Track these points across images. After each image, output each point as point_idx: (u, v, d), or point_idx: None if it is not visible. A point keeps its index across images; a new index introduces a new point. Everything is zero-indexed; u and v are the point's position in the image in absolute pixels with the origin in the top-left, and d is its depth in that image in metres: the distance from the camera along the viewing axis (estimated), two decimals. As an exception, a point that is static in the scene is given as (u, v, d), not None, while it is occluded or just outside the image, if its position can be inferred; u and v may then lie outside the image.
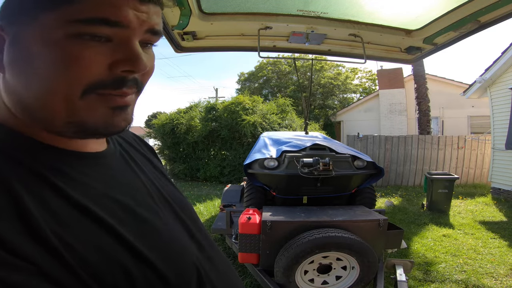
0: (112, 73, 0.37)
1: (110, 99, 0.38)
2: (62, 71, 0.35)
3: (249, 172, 2.99)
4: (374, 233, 2.29)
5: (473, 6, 1.16)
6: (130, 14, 0.36)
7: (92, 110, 0.37)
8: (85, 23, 0.34)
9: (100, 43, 0.36)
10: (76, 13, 0.34)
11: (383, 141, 8.27)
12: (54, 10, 0.34)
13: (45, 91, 0.36)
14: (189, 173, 9.88)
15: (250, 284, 2.75)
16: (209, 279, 0.44)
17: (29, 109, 0.37)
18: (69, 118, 0.37)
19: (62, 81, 0.35)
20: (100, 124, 0.38)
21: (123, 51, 0.37)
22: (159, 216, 0.45)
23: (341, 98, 19.44)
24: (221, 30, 1.54)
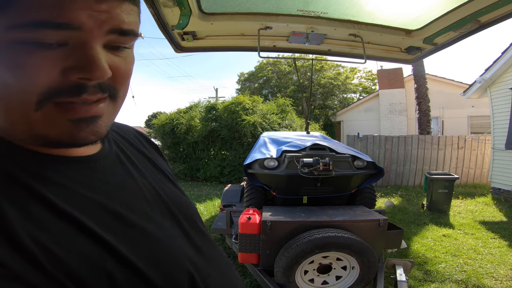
0: (67, 79, 0.33)
1: (71, 109, 0.35)
2: (10, 82, 0.32)
3: (249, 172, 2.99)
4: (374, 233, 2.29)
5: (473, 6, 1.16)
6: (82, 15, 0.32)
7: (51, 123, 0.35)
8: (27, 28, 0.31)
9: (49, 49, 0.32)
10: (16, 18, 0.30)
11: (383, 141, 8.27)
12: None
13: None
14: (189, 173, 9.88)
15: (250, 284, 2.75)
16: (205, 283, 0.43)
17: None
18: (30, 131, 0.35)
19: (12, 93, 0.33)
20: (64, 137, 0.36)
21: (76, 57, 0.33)
22: (151, 219, 0.43)
23: (341, 98, 19.44)
24: (221, 30, 1.54)
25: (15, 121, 0.35)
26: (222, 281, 0.47)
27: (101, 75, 0.34)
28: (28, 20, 0.30)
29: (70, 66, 0.33)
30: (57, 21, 0.31)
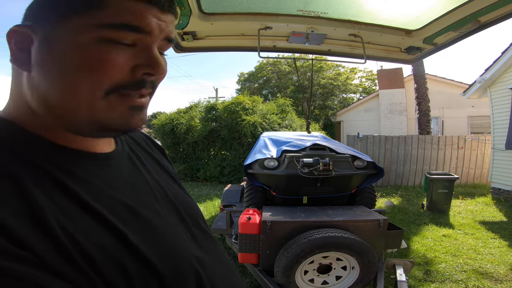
0: (134, 75, 0.40)
1: (129, 99, 0.40)
2: (89, 73, 0.37)
3: (249, 172, 2.99)
4: (374, 233, 2.29)
5: (473, 6, 1.16)
6: (153, 22, 0.39)
7: (113, 110, 0.40)
8: (112, 28, 0.37)
9: (125, 47, 0.38)
10: (105, 19, 0.36)
11: (383, 141, 8.27)
12: (84, 14, 0.37)
13: (71, 90, 0.38)
14: (189, 173, 9.88)
15: (250, 284, 2.75)
16: (210, 280, 0.45)
17: (53, 108, 0.39)
18: (91, 117, 0.39)
19: (88, 82, 0.37)
20: (119, 123, 0.41)
21: (145, 56, 0.40)
22: (161, 217, 0.46)
23: (341, 98, 19.45)
24: (221, 30, 1.53)
25: (80, 108, 0.39)
26: (226, 281, 0.49)
27: (162, 72, 0.41)
28: (115, 21, 0.37)
29: (138, 63, 0.39)
30: (136, 25, 0.38)
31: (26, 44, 0.38)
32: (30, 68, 0.38)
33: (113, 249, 0.36)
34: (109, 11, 0.36)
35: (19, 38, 0.38)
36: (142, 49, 0.40)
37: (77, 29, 0.37)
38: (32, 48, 0.38)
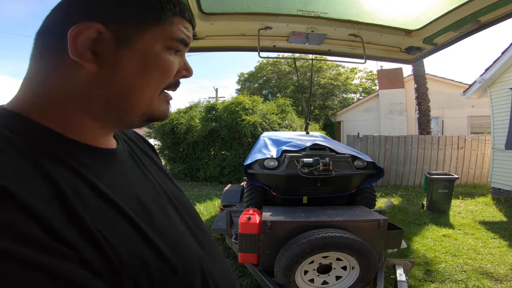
0: (175, 78, 0.49)
1: (167, 96, 0.49)
2: (159, 74, 0.45)
3: (249, 172, 2.99)
4: (374, 233, 2.29)
5: (473, 6, 1.16)
6: (190, 36, 0.49)
7: (160, 104, 0.47)
8: (176, 41, 0.46)
9: (175, 55, 0.47)
10: (174, 33, 0.45)
11: (383, 141, 8.27)
12: (162, 25, 0.44)
13: (142, 88, 0.44)
14: (189, 173, 9.88)
15: (250, 284, 2.75)
16: (211, 275, 0.47)
17: (117, 103, 0.43)
18: (147, 110, 0.46)
19: (156, 82, 0.45)
20: (162, 114, 0.48)
21: (183, 63, 0.49)
22: (166, 214, 0.48)
23: (341, 98, 19.44)
24: (221, 30, 1.53)
25: (143, 103, 0.45)
26: (225, 278, 0.52)
27: (191, 75, 0.51)
28: (180, 36, 0.46)
29: (180, 68, 0.49)
30: (187, 40, 0.48)
31: (94, 42, 0.40)
32: (99, 65, 0.40)
33: (132, 240, 0.38)
34: (176, 28, 0.46)
35: (88, 35, 0.39)
36: (181, 57, 0.49)
37: (157, 38, 0.44)
38: (100, 47, 0.40)
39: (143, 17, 0.43)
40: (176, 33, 0.45)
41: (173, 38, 0.45)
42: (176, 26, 0.46)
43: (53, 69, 0.41)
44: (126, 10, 0.42)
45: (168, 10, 0.44)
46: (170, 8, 0.45)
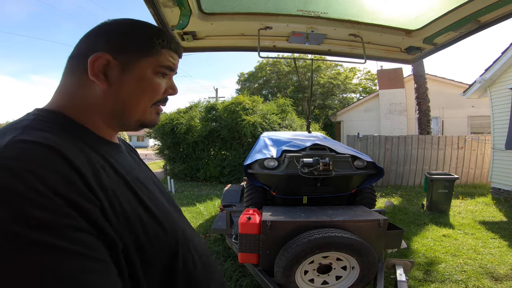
0: (164, 95, 0.65)
1: (157, 108, 0.65)
2: (149, 93, 0.61)
3: (249, 172, 2.99)
4: (374, 233, 2.29)
5: (473, 6, 1.16)
6: (176, 63, 0.66)
7: (150, 115, 0.64)
8: (164, 67, 0.62)
9: (163, 78, 0.64)
10: (162, 62, 0.62)
11: (383, 141, 8.27)
12: (152, 56, 0.60)
13: (137, 103, 0.60)
14: (189, 173, 9.88)
15: (250, 284, 2.75)
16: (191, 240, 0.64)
17: (120, 111, 0.60)
18: (140, 119, 0.62)
19: (147, 99, 0.61)
20: (152, 121, 0.65)
21: (170, 84, 0.66)
22: (158, 193, 0.65)
23: (341, 98, 19.45)
24: (221, 30, 1.53)
25: (137, 113, 0.61)
26: (201, 245, 0.68)
27: (177, 93, 0.68)
28: (166, 64, 0.63)
29: (167, 88, 0.65)
30: (173, 67, 0.65)
31: (105, 67, 0.56)
32: (108, 84, 0.57)
33: (134, 204, 0.53)
34: (163, 58, 0.62)
35: (101, 62, 0.56)
36: (169, 79, 0.66)
37: (147, 66, 0.60)
38: (109, 71, 0.57)
39: (139, 51, 0.59)
40: (164, 61, 0.62)
41: (161, 66, 0.61)
42: (163, 56, 0.62)
43: (80, 84, 0.57)
44: (128, 46, 0.58)
45: (158, 45, 0.61)
46: (159, 43, 0.61)
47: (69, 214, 0.40)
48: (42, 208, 0.38)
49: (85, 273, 0.38)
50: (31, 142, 0.43)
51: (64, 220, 0.39)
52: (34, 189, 0.38)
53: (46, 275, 0.35)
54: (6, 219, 0.35)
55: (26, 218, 0.36)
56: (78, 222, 0.40)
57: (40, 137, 0.45)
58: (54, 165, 0.42)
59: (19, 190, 0.37)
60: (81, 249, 0.39)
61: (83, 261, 0.39)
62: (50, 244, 0.36)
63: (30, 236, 0.36)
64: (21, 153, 0.41)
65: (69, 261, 0.37)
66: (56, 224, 0.38)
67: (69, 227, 0.39)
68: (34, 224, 0.36)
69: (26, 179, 0.38)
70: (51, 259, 0.36)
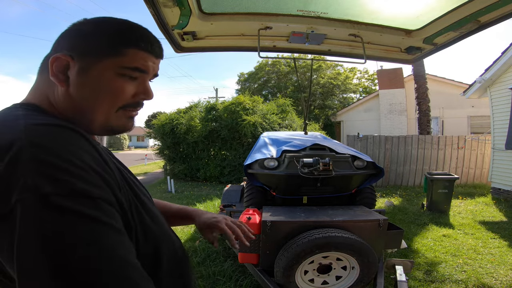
0: (134, 99, 0.61)
1: (128, 113, 0.62)
2: (110, 97, 0.57)
3: (249, 172, 2.99)
4: (374, 233, 2.29)
5: (473, 6, 1.16)
6: (150, 65, 0.61)
7: (119, 120, 0.61)
8: (128, 69, 0.58)
9: (131, 80, 0.59)
10: (125, 63, 0.57)
11: (383, 141, 8.27)
12: (113, 58, 0.56)
13: (97, 107, 0.57)
14: (189, 173, 9.88)
15: (250, 284, 2.75)
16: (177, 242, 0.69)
17: (80, 114, 0.57)
18: (104, 124, 0.59)
19: (108, 102, 0.57)
20: (121, 127, 0.62)
21: (142, 87, 0.61)
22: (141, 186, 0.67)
23: (341, 98, 19.44)
24: (221, 30, 1.53)
25: (99, 117, 0.58)
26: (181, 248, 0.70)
27: (151, 98, 0.63)
28: (131, 65, 0.58)
29: (138, 92, 0.61)
30: (142, 68, 0.59)
31: (65, 68, 0.55)
32: (68, 85, 0.55)
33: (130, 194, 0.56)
34: (128, 58, 0.57)
35: (60, 63, 0.55)
36: (141, 83, 0.61)
37: (107, 67, 0.56)
38: (69, 72, 0.55)
39: (99, 50, 0.56)
40: (129, 62, 0.57)
41: (125, 67, 0.57)
42: (130, 57, 0.57)
43: (47, 84, 0.57)
44: (88, 46, 0.56)
45: (122, 44, 0.56)
46: (124, 42, 0.57)
47: (103, 187, 0.45)
48: (83, 181, 0.42)
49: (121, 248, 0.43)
50: (53, 124, 0.47)
51: (103, 194, 0.44)
52: (73, 163, 0.42)
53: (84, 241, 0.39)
54: (53, 192, 0.39)
55: (72, 191, 0.41)
56: (109, 196, 0.46)
57: (53, 120, 0.50)
58: (81, 143, 0.47)
59: (59, 165, 0.41)
60: (110, 220, 0.43)
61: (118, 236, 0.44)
62: (87, 214, 0.41)
63: (72, 207, 0.40)
64: (50, 133, 0.45)
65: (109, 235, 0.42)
66: (97, 197, 0.43)
67: (105, 200, 0.44)
68: (75, 195, 0.41)
69: (62, 155, 0.42)
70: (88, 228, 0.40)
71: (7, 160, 0.41)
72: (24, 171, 0.40)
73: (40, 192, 0.39)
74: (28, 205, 0.38)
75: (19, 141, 0.42)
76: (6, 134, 0.44)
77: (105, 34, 0.57)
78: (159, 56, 0.63)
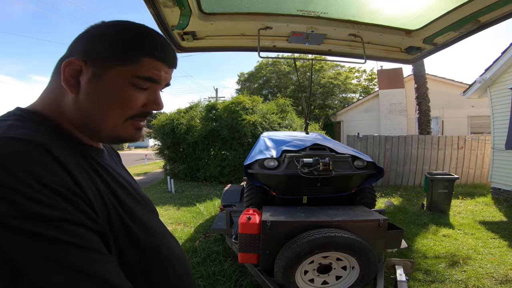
0: (143, 109, 0.59)
1: (137, 123, 0.60)
2: (120, 106, 0.56)
3: (249, 172, 2.99)
4: (374, 233, 2.29)
5: (473, 6, 1.16)
6: (163, 75, 0.59)
7: (126, 130, 0.59)
8: (141, 78, 0.56)
9: (142, 91, 0.57)
10: (139, 72, 0.55)
11: (383, 141, 8.27)
12: (126, 66, 0.55)
13: (105, 115, 0.56)
14: (189, 173, 9.87)
15: (250, 284, 2.75)
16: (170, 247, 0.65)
17: (88, 122, 0.56)
18: (111, 133, 0.58)
19: (117, 112, 0.56)
20: (128, 137, 0.60)
21: (152, 98, 0.59)
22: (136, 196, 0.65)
23: (341, 98, 19.44)
24: (221, 30, 1.53)
25: (107, 127, 0.57)
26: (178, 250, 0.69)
27: (162, 109, 0.62)
28: (145, 75, 0.56)
29: (148, 102, 0.59)
30: (155, 78, 0.57)
31: (77, 73, 0.54)
32: (78, 92, 0.54)
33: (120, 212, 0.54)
34: (142, 67, 0.55)
35: (73, 67, 0.53)
36: (152, 93, 0.59)
37: (120, 75, 0.55)
38: (81, 77, 0.54)
39: (112, 58, 0.54)
40: (143, 72, 0.56)
41: (138, 76, 0.55)
42: (143, 66, 0.55)
43: (58, 88, 0.56)
44: (102, 52, 0.54)
45: (136, 52, 0.55)
46: (138, 50, 0.55)
47: (65, 208, 0.42)
48: (39, 203, 0.40)
49: (86, 264, 0.40)
50: (21, 139, 0.45)
51: (61, 214, 0.41)
52: (29, 185, 0.40)
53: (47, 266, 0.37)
54: (5, 214, 0.37)
55: (24, 213, 0.38)
56: (74, 216, 0.43)
57: (28, 135, 0.47)
58: (45, 162, 0.44)
59: (14, 187, 0.39)
60: (79, 240, 0.41)
61: (82, 252, 0.41)
62: (49, 236, 0.38)
63: (29, 229, 0.38)
64: (13, 151, 0.42)
65: (68, 252, 0.39)
66: (53, 218, 0.40)
67: (66, 220, 0.41)
68: (32, 218, 0.38)
69: (19, 175, 0.40)
70: (51, 250, 0.38)
71: None
72: None
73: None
74: None
75: None
76: None
77: (120, 41, 0.55)
78: (172, 66, 0.61)
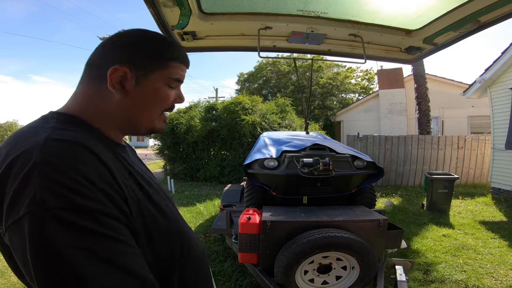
0: (171, 104, 0.70)
1: (164, 117, 0.71)
2: (159, 103, 0.67)
3: (249, 172, 2.99)
4: (374, 233, 2.29)
5: (473, 6, 1.16)
6: (184, 74, 0.71)
7: (159, 122, 0.70)
8: (172, 80, 0.68)
9: (172, 89, 0.69)
10: (171, 74, 0.67)
11: (383, 141, 8.27)
12: (162, 71, 0.66)
13: (147, 113, 0.67)
14: (189, 173, 9.87)
15: (250, 284, 2.75)
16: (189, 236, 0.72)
17: (130, 119, 0.66)
18: (150, 126, 0.69)
19: (157, 108, 0.68)
20: (160, 129, 0.71)
21: (178, 94, 0.72)
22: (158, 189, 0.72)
23: (341, 98, 19.43)
24: (221, 30, 1.53)
25: (146, 121, 0.68)
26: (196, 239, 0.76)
27: (183, 101, 0.74)
28: (175, 77, 0.68)
29: (176, 98, 0.71)
30: (181, 79, 0.70)
31: (122, 79, 0.62)
32: (123, 94, 0.63)
33: (149, 206, 0.61)
34: (172, 70, 0.67)
35: (119, 74, 0.62)
36: (177, 90, 0.71)
37: (158, 78, 0.66)
38: (125, 82, 0.62)
39: (152, 64, 0.65)
40: (173, 74, 0.68)
41: (170, 78, 0.67)
42: (173, 69, 0.67)
43: (97, 92, 0.63)
44: (143, 59, 0.64)
45: (168, 59, 0.66)
46: (169, 57, 0.67)
47: (104, 203, 0.49)
48: (83, 197, 0.46)
49: (117, 255, 0.47)
50: (67, 141, 0.52)
51: (100, 207, 0.48)
52: (76, 180, 0.47)
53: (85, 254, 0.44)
54: (56, 206, 0.44)
55: (72, 206, 0.45)
56: (110, 210, 0.49)
57: (72, 136, 0.54)
58: (87, 159, 0.51)
59: (63, 182, 0.46)
60: (112, 233, 0.48)
61: (114, 244, 0.47)
62: (88, 228, 0.45)
63: (75, 221, 0.44)
64: (61, 151, 0.49)
65: (103, 243, 0.46)
66: (93, 210, 0.47)
67: (104, 214, 0.48)
68: (76, 210, 0.45)
69: (67, 172, 0.47)
70: (88, 241, 0.45)
71: (23, 174, 0.46)
72: (35, 186, 0.45)
73: (45, 206, 0.44)
74: (35, 216, 0.44)
75: (36, 156, 0.48)
76: (29, 146, 0.50)
77: (158, 49, 0.66)
78: (188, 65, 0.73)
